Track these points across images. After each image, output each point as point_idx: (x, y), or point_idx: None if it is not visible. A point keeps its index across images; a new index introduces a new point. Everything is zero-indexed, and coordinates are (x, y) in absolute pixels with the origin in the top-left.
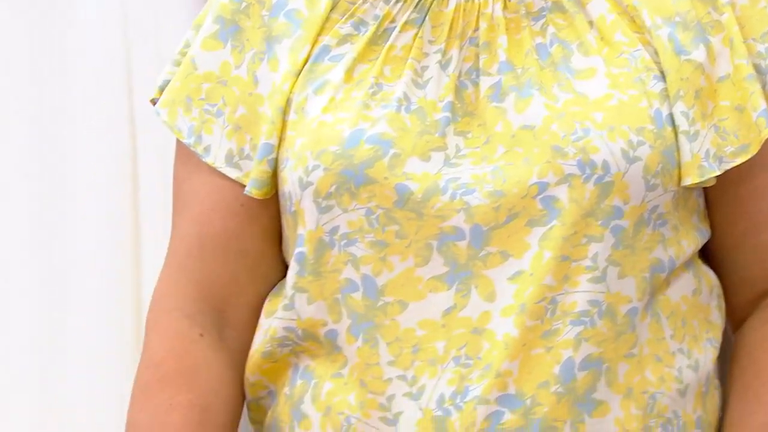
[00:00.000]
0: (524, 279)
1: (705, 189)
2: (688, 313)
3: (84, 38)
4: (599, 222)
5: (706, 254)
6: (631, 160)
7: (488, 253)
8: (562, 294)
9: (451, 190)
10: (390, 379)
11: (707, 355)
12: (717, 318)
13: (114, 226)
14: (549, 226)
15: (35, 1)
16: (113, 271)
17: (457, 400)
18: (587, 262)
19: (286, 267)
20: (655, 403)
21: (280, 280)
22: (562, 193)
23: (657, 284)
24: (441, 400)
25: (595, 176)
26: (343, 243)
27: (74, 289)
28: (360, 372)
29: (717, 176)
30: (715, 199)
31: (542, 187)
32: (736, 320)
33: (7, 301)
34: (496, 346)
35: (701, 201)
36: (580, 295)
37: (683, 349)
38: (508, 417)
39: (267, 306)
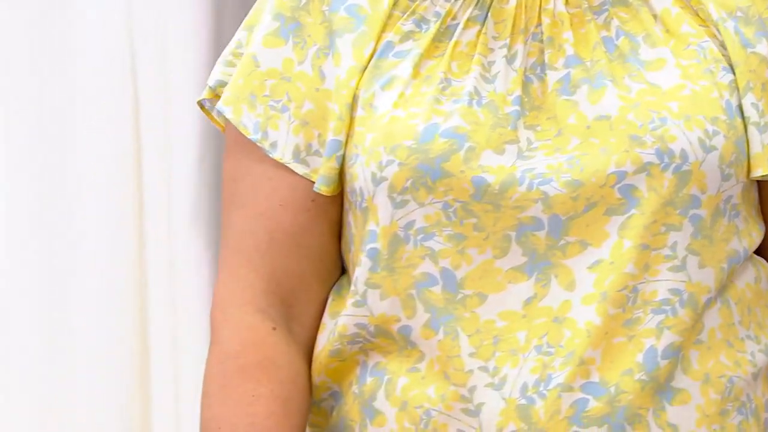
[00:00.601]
0: (604, 268)
1: (761, 182)
2: (753, 300)
3: (87, 37)
4: (678, 211)
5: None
6: (708, 150)
7: (567, 243)
8: (643, 283)
9: (527, 180)
10: (471, 371)
11: None
12: None
13: (117, 226)
14: (628, 214)
15: (37, 0)
16: (116, 270)
17: (541, 388)
18: (667, 251)
19: (342, 265)
20: (732, 387)
21: (338, 279)
22: (640, 182)
23: (730, 274)
24: (524, 389)
25: (674, 165)
26: (419, 237)
27: (77, 289)
28: (441, 364)
29: None
30: None
31: (621, 176)
32: None
33: (9, 300)
34: (578, 334)
35: (756, 195)
36: (660, 283)
37: (750, 335)
38: (593, 404)
39: (331, 306)
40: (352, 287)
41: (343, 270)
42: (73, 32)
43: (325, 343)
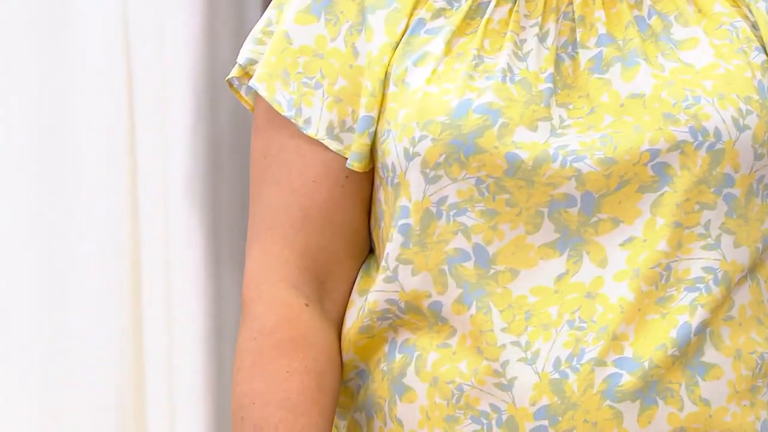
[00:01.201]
0: (637, 245)
1: None
2: None
3: (83, 35)
4: (712, 189)
5: None
6: (742, 128)
7: (599, 220)
8: (676, 261)
9: (561, 157)
10: (504, 345)
11: None
12: None
13: (113, 224)
14: (661, 192)
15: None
16: (112, 268)
17: (574, 362)
18: (700, 230)
19: (371, 243)
20: (763, 363)
21: (367, 256)
22: (674, 159)
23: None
24: (557, 363)
25: (707, 143)
26: (452, 213)
27: (73, 287)
28: (474, 339)
29: None
30: None
31: (654, 153)
32: None
33: (6, 299)
34: (611, 309)
35: None
36: (694, 262)
37: None
38: (627, 379)
39: (359, 284)
40: (383, 263)
41: (370, 249)
42: (70, 30)
43: (354, 319)
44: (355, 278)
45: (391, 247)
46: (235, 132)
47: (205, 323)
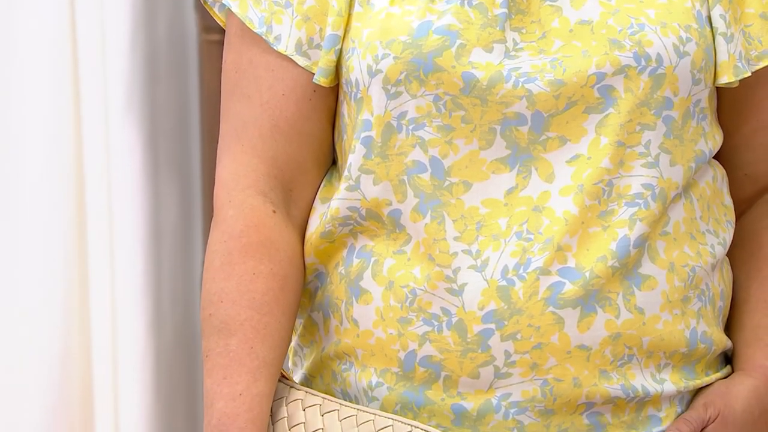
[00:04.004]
0: (582, 162)
1: (720, 90)
2: (711, 197)
3: (29, 31)
4: (652, 111)
5: None
6: (681, 55)
7: (547, 138)
8: (617, 177)
9: (513, 78)
10: (456, 253)
11: (729, 233)
12: (729, 202)
13: (56, 134)
14: (605, 113)
15: None
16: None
17: (520, 271)
18: (640, 149)
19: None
20: (694, 276)
21: (331, 166)
22: (618, 83)
23: (695, 172)
24: (505, 271)
25: (650, 68)
26: (411, 127)
27: (14, 192)
28: (427, 247)
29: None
30: (731, 99)
31: (600, 77)
32: (735, 214)
33: None
34: (556, 221)
35: (715, 102)
36: (634, 178)
37: (710, 229)
38: (569, 287)
39: (322, 191)
40: (346, 172)
41: (333, 159)
42: (14, 26)
43: (317, 225)
44: (319, 187)
45: (353, 158)
46: (172, 44)
47: (145, 227)
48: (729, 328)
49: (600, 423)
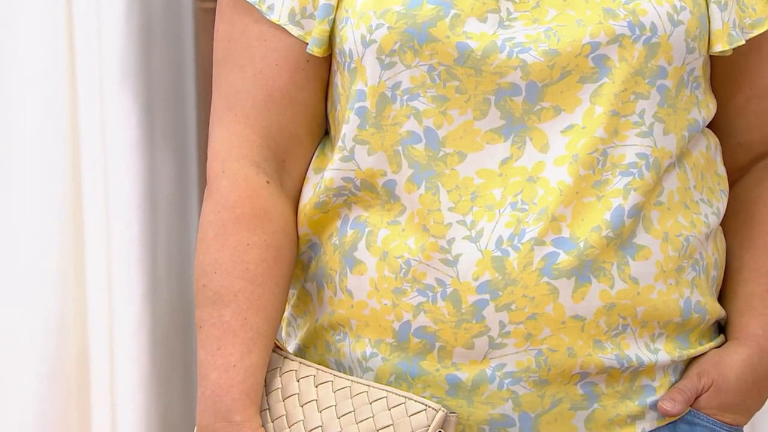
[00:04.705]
0: (576, 132)
1: (713, 59)
2: (705, 167)
3: (26, 28)
4: (646, 80)
5: None
6: (675, 24)
7: (542, 108)
8: (612, 147)
9: (508, 48)
10: (450, 224)
11: (723, 203)
12: (723, 171)
13: (52, 103)
14: (600, 83)
15: None
16: (52, 147)
17: (515, 242)
18: (635, 118)
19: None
20: (688, 245)
21: (323, 137)
22: (612, 52)
23: (688, 141)
24: (499, 242)
25: (644, 37)
26: (405, 97)
27: (15, 162)
28: (421, 217)
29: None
30: (724, 68)
31: (594, 46)
32: (728, 183)
33: None
34: (550, 192)
35: (709, 71)
36: (628, 148)
37: (703, 198)
38: (563, 258)
39: (315, 162)
40: (340, 143)
41: (326, 130)
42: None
43: (311, 195)
44: (312, 157)
45: (347, 129)
46: (167, 12)
47: (140, 195)
48: (722, 296)
49: (594, 393)
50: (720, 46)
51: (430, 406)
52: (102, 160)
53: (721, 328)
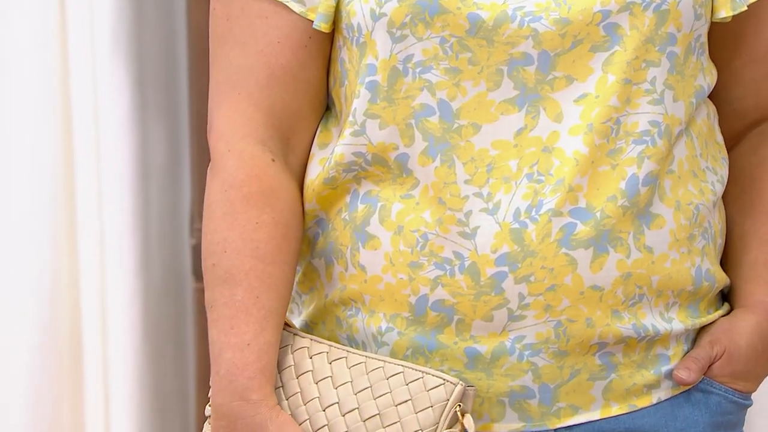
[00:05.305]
0: (590, 101)
1: (711, 26)
2: (707, 134)
3: (18, 1)
4: (657, 47)
5: None
6: None
7: (554, 77)
8: (625, 115)
9: (519, 17)
10: (467, 196)
11: (725, 170)
12: (721, 139)
13: (43, 75)
14: (611, 51)
15: None
16: (45, 116)
17: (533, 213)
18: (646, 86)
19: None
20: (698, 213)
21: (325, 112)
22: (623, 20)
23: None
24: (517, 214)
25: (654, 4)
26: (418, 70)
27: (5, 134)
28: (437, 190)
29: None
30: (721, 35)
31: (605, 14)
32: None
33: None
34: (566, 162)
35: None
36: (641, 116)
37: (709, 166)
38: (581, 228)
39: (319, 137)
40: (351, 118)
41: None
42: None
43: (320, 171)
44: (316, 133)
45: (358, 103)
46: None
47: (133, 167)
48: (724, 264)
49: (611, 363)
50: (724, 12)
51: (448, 380)
52: (94, 132)
53: (723, 296)
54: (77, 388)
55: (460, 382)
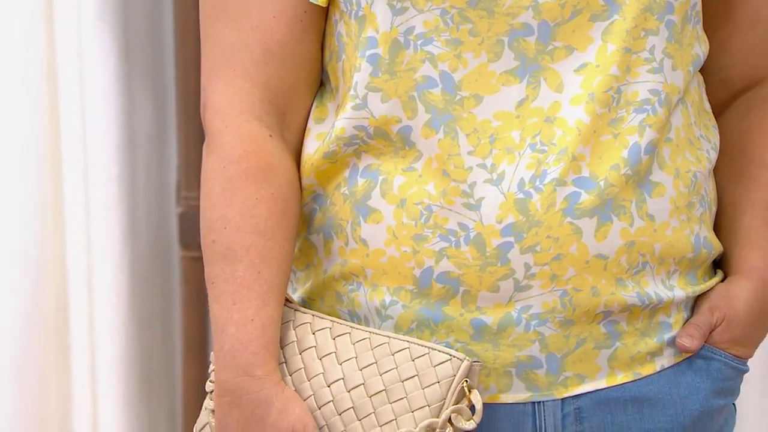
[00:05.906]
0: (590, 70)
1: None
2: (699, 103)
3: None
4: (656, 16)
5: None
6: None
7: (554, 48)
8: (625, 84)
9: None
10: (471, 168)
11: (717, 138)
12: (709, 108)
13: (28, 40)
14: (611, 20)
15: None
16: (31, 82)
17: (537, 183)
18: (646, 54)
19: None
20: (696, 181)
21: (319, 87)
22: None
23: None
24: (521, 184)
25: None
26: (419, 42)
27: None
28: (441, 162)
29: None
30: (706, 4)
31: None
32: None
33: None
34: (569, 131)
35: None
36: (641, 84)
37: (702, 134)
38: (585, 197)
39: (315, 112)
40: (352, 92)
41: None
42: None
43: (318, 145)
44: (310, 109)
45: (359, 77)
46: None
47: (119, 135)
48: (716, 232)
49: (616, 331)
50: None
51: (455, 356)
52: (80, 100)
53: (716, 263)
54: (63, 356)
55: (467, 357)
